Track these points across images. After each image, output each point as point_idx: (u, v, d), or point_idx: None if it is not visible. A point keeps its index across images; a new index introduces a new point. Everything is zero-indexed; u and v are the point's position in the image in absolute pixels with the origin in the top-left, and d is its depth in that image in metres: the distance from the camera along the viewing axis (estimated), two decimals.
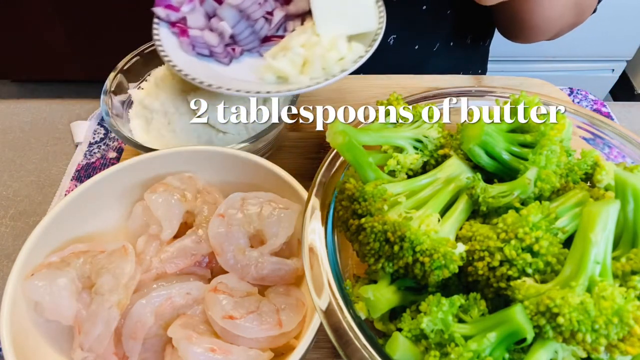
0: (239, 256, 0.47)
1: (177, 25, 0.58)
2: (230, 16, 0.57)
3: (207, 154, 0.54)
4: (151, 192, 0.51)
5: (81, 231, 0.51)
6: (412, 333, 0.35)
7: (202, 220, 0.50)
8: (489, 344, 0.31)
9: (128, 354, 0.43)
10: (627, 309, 0.29)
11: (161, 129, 0.61)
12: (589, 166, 0.43)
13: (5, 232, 0.67)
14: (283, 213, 0.49)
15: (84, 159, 0.72)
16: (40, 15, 1.89)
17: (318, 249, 0.38)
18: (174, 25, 0.58)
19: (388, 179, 0.41)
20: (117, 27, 1.89)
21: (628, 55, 1.94)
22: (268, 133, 0.58)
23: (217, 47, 0.57)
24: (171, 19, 0.58)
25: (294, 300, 0.46)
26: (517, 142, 0.41)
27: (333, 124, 0.40)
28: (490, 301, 0.36)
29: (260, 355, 0.42)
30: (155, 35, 0.58)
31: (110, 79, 0.64)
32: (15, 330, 0.41)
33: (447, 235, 0.37)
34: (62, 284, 0.44)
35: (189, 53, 0.58)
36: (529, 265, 0.33)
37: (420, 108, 0.45)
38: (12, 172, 0.74)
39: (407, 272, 0.36)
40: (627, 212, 0.34)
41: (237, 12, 0.57)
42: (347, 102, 0.76)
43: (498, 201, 0.37)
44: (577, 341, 0.29)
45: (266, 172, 0.52)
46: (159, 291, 0.45)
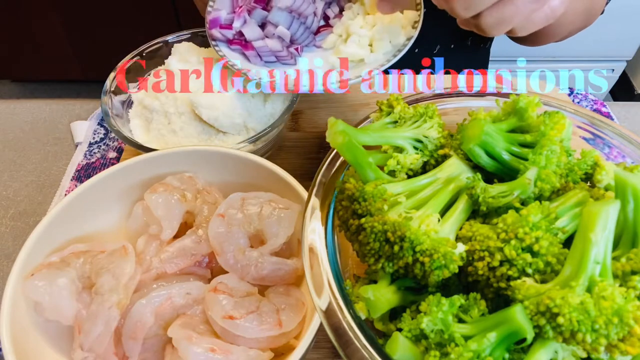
0: (239, 256, 0.47)
1: (235, 42, 0.60)
2: (283, 19, 0.59)
3: (207, 154, 0.54)
4: (151, 192, 0.51)
5: (81, 231, 0.51)
6: (412, 333, 0.35)
7: (202, 220, 0.50)
8: (489, 344, 0.31)
9: (128, 354, 0.43)
10: (627, 309, 0.29)
11: (161, 129, 0.61)
12: (589, 166, 0.43)
13: (5, 232, 0.67)
14: (283, 213, 0.49)
15: (84, 159, 0.72)
16: (41, 15, 1.89)
17: (318, 249, 0.38)
18: (232, 42, 0.60)
19: (388, 179, 0.41)
20: (117, 27, 1.89)
21: (628, 55, 1.94)
22: (268, 133, 0.58)
23: (282, 51, 0.59)
24: (228, 37, 0.60)
25: (294, 300, 0.46)
26: (517, 142, 0.41)
27: (333, 124, 0.40)
28: (490, 301, 0.36)
29: (260, 355, 0.42)
30: (222, 55, 0.59)
31: (110, 79, 0.64)
32: (15, 330, 0.41)
33: (447, 235, 0.37)
34: (62, 284, 0.44)
35: (258, 64, 0.60)
36: (529, 265, 0.33)
37: (420, 108, 0.45)
38: (12, 172, 0.74)
39: (407, 272, 0.36)
40: (627, 212, 0.34)
41: (288, 14, 0.59)
42: (347, 102, 0.76)
43: (498, 201, 0.37)
44: (577, 341, 0.29)
45: (266, 172, 0.52)
46: (159, 291, 0.45)
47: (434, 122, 0.45)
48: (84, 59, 2.06)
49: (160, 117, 0.61)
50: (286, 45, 0.61)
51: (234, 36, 0.60)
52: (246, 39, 0.59)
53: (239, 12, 0.59)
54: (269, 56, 0.60)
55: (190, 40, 0.69)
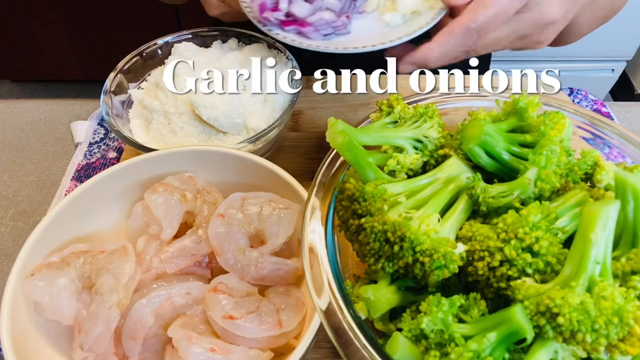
0: (239, 256, 0.47)
1: (287, 23, 0.59)
2: None
3: (207, 154, 0.54)
4: (151, 192, 0.51)
5: (81, 231, 0.51)
6: (412, 333, 0.35)
7: (202, 220, 0.50)
8: (489, 344, 0.31)
9: (128, 354, 0.43)
10: (627, 309, 0.29)
11: (161, 129, 0.61)
12: (589, 166, 0.43)
13: (5, 232, 0.67)
14: (283, 213, 0.49)
15: (84, 159, 0.72)
16: (41, 15, 1.89)
17: (318, 249, 0.38)
18: (285, 23, 0.59)
19: (388, 179, 0.41)
20: (117, 27, 1.89)
21: (628, 55, 1.94)
22: (268, 133, 0.58)
23: (337, 21, 0.58)
24: (280, 19, 0.59)
25: (294, 300, 0.46)
26: (517, 142, 0.41)
27: (333, 124, 0.40)
28: (490, 301, 0.36)
29: (260, 355, 0.42)
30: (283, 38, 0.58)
31: (110, 79, 0.64)
32: (15, 330, 0.41)
33: (447, 235, 0.37)
34: (62, 284, 0.44)
35: (317, 39, 0.59)
36: (529, 265, 0.33)
37: (420, 108, 0.45)
38: (12, 172, 0.74)
39: (407, 272, 0.36)
40: (627, 212, 0.34)
41: None
42: (347, 101, 0.77)
43: (498, 201, 0.37)
44: (577, 341, 0.29)
45: (266, 172, 0.52)
46: (159, 291, 0.45)
47: (434, 122, 0.45)
48: (84, 59, 2.06)
49: (160, 117, 0.61)
50: (338, 15, 0.60)
51: (284, 17, 0.59)
52: (295, 18, 0.58)
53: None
54: (326, 28, 0.59)
55: (190, 40, 0.69)
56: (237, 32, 0.70)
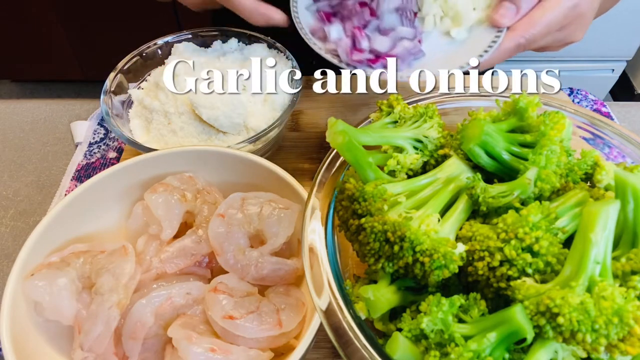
0: (239, 256, 0.47)
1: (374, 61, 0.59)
2: (395, 20, 0.60)
3: (207, 154, 0.54)
4: (151, 192, 0.51)
5: (81, 231, 0.51)
6: (412, 333, 0.35)
7: (202, 220, 0.50)
8: (489, 344, 0.31)
9: (128, 354, 0.43)
10: (627, 309, 0.29)
11: (161, 129, 0.61)
12: (589, 166, 0.43)
13: (5, 232, 0.67)
14: (283, 213, 0.49)
15: (84, 159, 0.72)
16: (41, 15, 1.89)
17: (318, 249, 0.38)
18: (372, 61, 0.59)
19: (388, 179, 0.41)
20: (117, 27, 1.89)
21: (628, 55, 1.94)
22: (268, 133, 0.58)
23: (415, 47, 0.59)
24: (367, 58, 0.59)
25: (294, 300, 0.46)
26: (517, 142, 0.41)
27: (333, 124, 0.40)
28: (490, 301, 0.36)
29: (260, 355, 0.42)
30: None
31: (110, 79, 0.64)
32: (15, 330, 0.41)
33: (447, 235, 0.37)
34: (62, 284, 0.44)
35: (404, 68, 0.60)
36: (529, 265, 0.33)
37: (420, 108, 0.45)
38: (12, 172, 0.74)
39: (407, 272, 0.36)
40: (627, 212, 0.34)
41: (396, 13, 0.60)
42: (346, 101, 0.77)
43: (498, 201, 0.37)
44: (577, 341, 0.29)
45: (266, 172, 0.52)
46: (159, 291, 0.45)
47: (434, 122, 0.45)
48: (84, 59, 2.06)
49: (160, 117, 0.61)
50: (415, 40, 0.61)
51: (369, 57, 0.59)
52: (378, 53, 0.59)
53: (360, 33, 0.59)
54: (408, 57, 0.60)
55: (190, 40, 0.69)
56: (237, 32, 0.70)
